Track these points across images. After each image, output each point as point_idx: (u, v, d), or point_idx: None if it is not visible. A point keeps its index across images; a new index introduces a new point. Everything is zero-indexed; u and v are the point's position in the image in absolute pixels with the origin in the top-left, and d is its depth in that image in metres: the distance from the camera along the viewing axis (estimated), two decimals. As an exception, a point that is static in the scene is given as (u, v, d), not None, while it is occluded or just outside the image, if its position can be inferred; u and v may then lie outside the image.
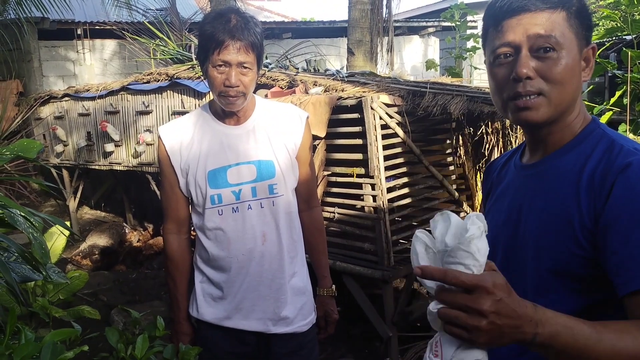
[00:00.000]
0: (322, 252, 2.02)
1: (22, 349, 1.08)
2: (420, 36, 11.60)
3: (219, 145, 1.79)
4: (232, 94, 1.69)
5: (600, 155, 0.98)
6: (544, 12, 0.99)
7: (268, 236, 1.81)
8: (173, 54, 6.17)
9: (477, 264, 0.76)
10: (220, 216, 1.78)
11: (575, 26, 1.01)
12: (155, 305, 4.41)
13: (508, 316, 0.75)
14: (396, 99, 3.56)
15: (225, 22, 1.66)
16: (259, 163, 1.79)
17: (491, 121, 3.63)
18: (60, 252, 3.15)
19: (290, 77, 4.43)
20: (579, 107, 1.06)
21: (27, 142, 1.72)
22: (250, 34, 1.67)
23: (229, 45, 1.65)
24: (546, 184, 1.05)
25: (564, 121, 1.04)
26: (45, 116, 6.95)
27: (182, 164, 1.80)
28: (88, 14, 8.94)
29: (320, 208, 2.06)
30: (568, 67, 0.99)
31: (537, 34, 0.98)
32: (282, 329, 1.85)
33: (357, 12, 5.80)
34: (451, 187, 3.89)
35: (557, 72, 0.99)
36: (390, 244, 3.47)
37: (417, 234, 0.82)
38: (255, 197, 1.79)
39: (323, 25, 10.42)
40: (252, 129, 1.81)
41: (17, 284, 1.28)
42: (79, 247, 6.15)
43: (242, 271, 1.80)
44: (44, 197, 7.66)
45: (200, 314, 1.86)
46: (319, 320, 1.99)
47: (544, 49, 0.99)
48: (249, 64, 1.68)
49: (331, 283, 2.02)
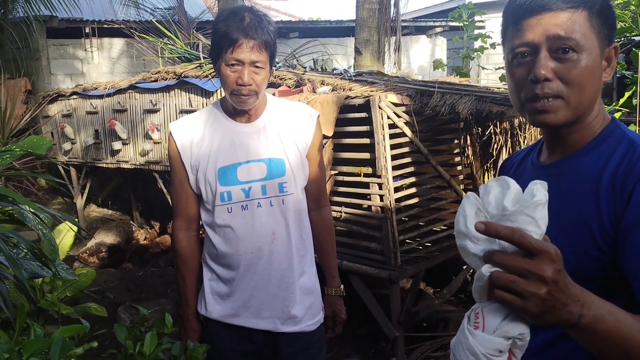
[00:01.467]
0: (331, 251, 2.02)
1: (31, 345, 1.08)
2: (427, 36, 11.57)
3: (229, 143, 1.79)
4: (245, 93, 1.69)
5: (620, 157, 0.97)
6: (565, 11, 0.96)
7: (277, 234, 1.80)
8: (181, 52, 6.18)
9: (539, 231, 0.71)
10: (230, 214, 1.78)
11: (597, 26, 0.97)
12: (162, 303, 4.41)
13: (562, 291, 0.72)
14: (404, 98, 3.55)
15: (239, 21, 1.65)
16: (269, 161, 1.78)
17: (499, 121, 3.62)
18: (67, 249, 3.15)
19: (297, 76, 4.43)
20: (599, 107, 1.03)
21: (37, 138, 1.73)
22: (263, 32, 1.67)
23: (243, 43, 1.64)
24: (565, 185, 1.02)
25: (583, 122, 1.02)
26: (53, 114, 6.98)
27: (193, 160, 1.80)
28: (96, 12, 8.98)
29: (329, 207, 2.05)
30: (588, 69, 0.96)
31: (556, 34, 0.96)
32: (290, 327, 1.85)
33: (365, 12, 5.78)
34: (459, 187, 3.88)
35: (576, 74, 0.96)
36: (397, 244, 3.47)
37: (469, 195, 0.77)
38: (265, 195, 1.78)
39: (330, 25, 10.41)
40: (263, 126, 1.81)
41: (26, 280, 1.29)
42: (86, 245, 6.18)
43: (251, 269, 1.80)
44: (51, 194, 7.69)
45: (208, 312, 1.86)
46: (327, 319, 1.99)
47: (562, 50, 0.96)
48: (261, 63, 1.68)
49: (339, 283, 2.02)
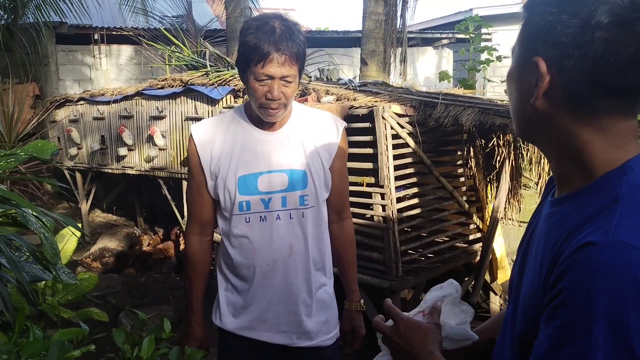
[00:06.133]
0: (352, 264, 1.95)
1: (30, 346, 1.09)
2: (434, 47, 11.60)
3: (251, 151, 1.73)
4: (274, 107, 1.64)
5: (581, 221, 0.76)
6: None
7: (295, 248, 1.75)
8: (188, 60, 6.22)
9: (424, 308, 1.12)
10: (247, 224, 1.73)
11: None
12: (164, 310, 4.42)
13: (410, 348, 1.01)
14: (408, 109, 3.56)
15: (270, 33, 1.58)
16: (291, 172, 1.73)
17: (503, 133, 3.62)
18: (70, 254, 3.17)
19: (302, 85, 4.45)
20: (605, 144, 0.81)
21: (42, 143, 1.75)
22: (294, 44, 1.60)
23: (274, 58, 1.57)
24: (547, 228, 0.85)
25: (573, 158, 0.83)
26: (61, 119, 7.03)
27: (213, 166, 1.74)
28: (105, 19, 9.07)
29: (351, 219, 1.97)
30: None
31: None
32: (305, 342, 1.81)
33: (372, 23, 5.81)
34: (461, 199, 3.88)
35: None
36: (398, 254, 3.47)
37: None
38: (285, 207, 1.74)
39: (337, 35, 10.47)
40: (287, 136, 1.75)
41: (28, 283, 1.30)
42: (90, 250, 6.20)
43: (266, 282, 1.76)
44: (56, 199, 7.74)
45: (223, 323, 1.83)
46: (346, 335, 1.94)
47: None
48: (292, 77, 1.62)
49: (359, 297, 1.96)
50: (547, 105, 0.80)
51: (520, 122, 0.88)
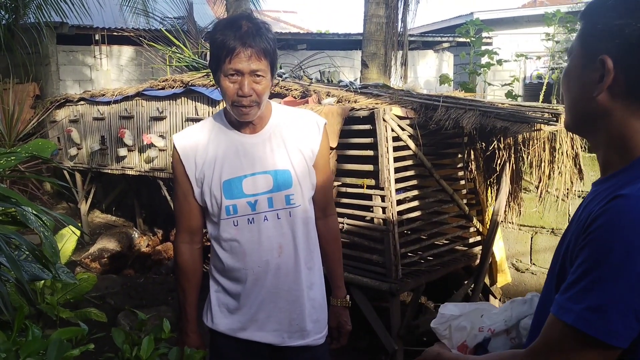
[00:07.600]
0: (338, 261, 1.98)
1: (29, 345, 1.09)
2: (434, 51, 11.61)
3: (234, 155, 1.75)
4: (246, 104, 1.65)
5: (617, 187, 0.89)
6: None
7: (284, 248, 1.77)
8: (189, 61, 6.23)
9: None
10: (236, 227, 1.75)
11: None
12: (162, 310, 4.41)
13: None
14: (408, 111, 3.56)
15: (236, 29, 1.61)
16: (275, 173, 1.75)
17: (503, 136, 3.62)
18: (70, 254, 3.17)
19: (303, 87, 4.44)
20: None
21: (42, 142, 1.75)
22: (262, 40, 1.62)
23: (240, 52, 1.60)
24: (586, 206, 0.96)
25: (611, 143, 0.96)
26: (61, 119, 7.03)
27: (197, 173, 1.76)
28: (106, 20, 9.08)
29: (336, 216, 2.01)
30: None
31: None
32: (297, 341, 1.82)
33: (373, 25, 5.81)
34: (461, 202, 3.88)
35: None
36: (398, 257, 3.46)
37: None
38: (272, 208, 1.75)
39: (338, 38, 10.47)
40: (269, 137, 1.77)
41: (27, 282, 1.29)
42: (89, 250, 6.19)
43: (258, 283, 1.77)
44: (56, 199, 7.73)
45: (214, 324, 1.83)
46: (332, 330, 1.96)
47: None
48: (261, 72, 1.64)
49: (345, 293, 1.98)
50: (607, 99, 0.92)
51: (578, 114, 0.99)
